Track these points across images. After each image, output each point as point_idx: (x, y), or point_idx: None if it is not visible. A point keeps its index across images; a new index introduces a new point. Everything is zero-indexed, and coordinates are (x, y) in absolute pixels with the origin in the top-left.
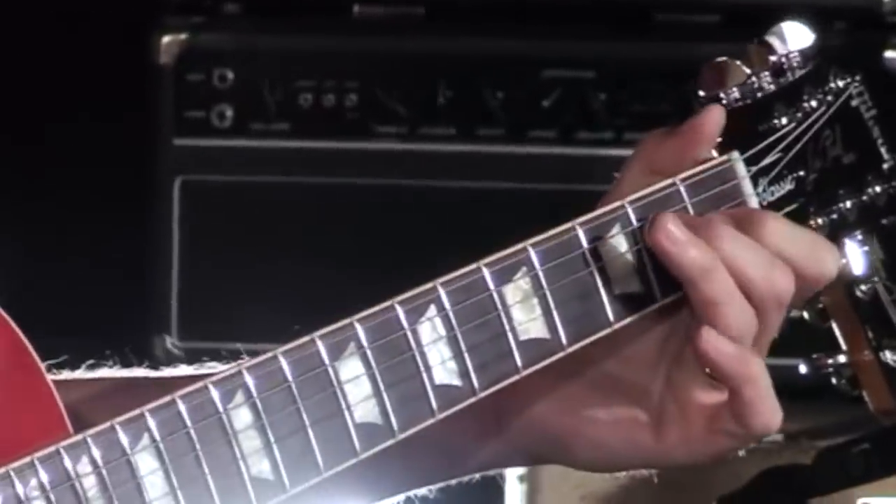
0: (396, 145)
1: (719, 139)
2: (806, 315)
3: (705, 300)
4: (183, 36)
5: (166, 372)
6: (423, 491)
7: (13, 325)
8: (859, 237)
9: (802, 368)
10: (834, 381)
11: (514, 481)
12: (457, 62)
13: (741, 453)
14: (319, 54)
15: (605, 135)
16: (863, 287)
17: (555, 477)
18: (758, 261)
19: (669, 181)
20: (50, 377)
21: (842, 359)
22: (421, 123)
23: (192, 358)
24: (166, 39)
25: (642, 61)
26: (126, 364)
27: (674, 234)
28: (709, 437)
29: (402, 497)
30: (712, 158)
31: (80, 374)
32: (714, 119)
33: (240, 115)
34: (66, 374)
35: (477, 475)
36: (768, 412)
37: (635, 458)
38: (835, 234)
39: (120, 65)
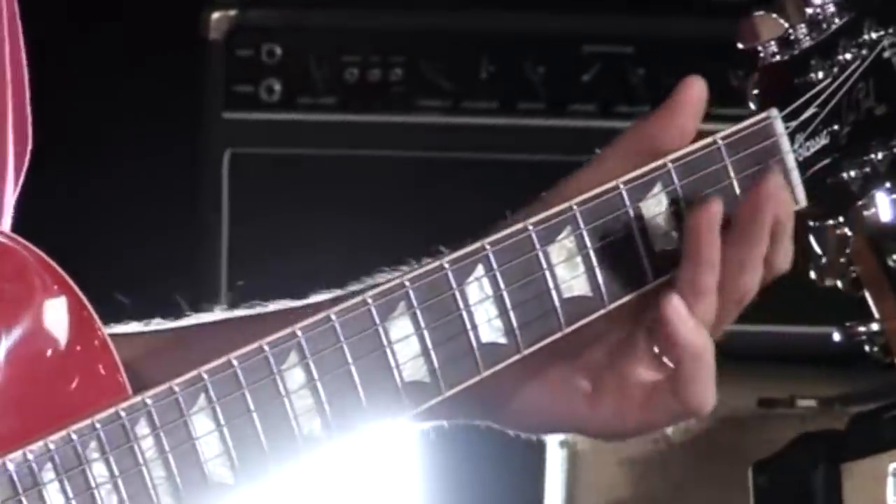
0: (440, 119)
1: (755, 93)
2: (840, 284)
3: (696, 283)
4: (232, 12)
5: (220, 314)
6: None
7: (76, 288)
8: (888, 186)
9: (836, 336)
10: (867, 348)
11: (554, 447)
12: (499, 38)
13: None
14: (365, 30)
15: (643, 108)
16: (895, 256)
17: (595, 442)
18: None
19: (710, 139)
20: (106, 329)
21: (875, 327)
22: (464, 97)
23: None
24: (216, 16)
25: (680, 37)
26: None
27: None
28: (643, 411)
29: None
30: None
31: (135, 326)
32: (691, 90)
33: (287, 89)
34: (121, 327)
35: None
36: (706, 392)
37: (567, 423)
38: (865, 185)
39: (171, 41)
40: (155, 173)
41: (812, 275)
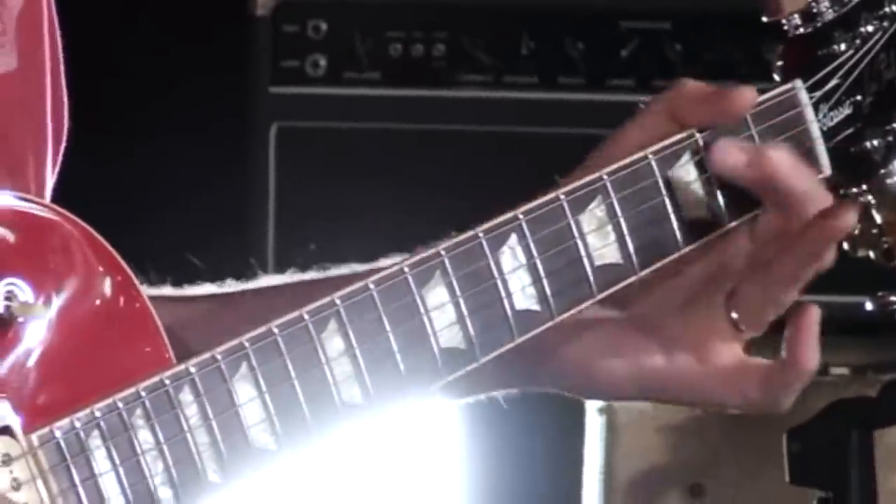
0: (481, 93)
1: (780, 64)
2: (872, 255)
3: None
4: None
5: (262, 281)
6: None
7: (121, 260)
8: None
9: (868, 305)
10: None
11: (594, 414)
12: (539, 14)
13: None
14: (409, 6)
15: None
16: None
17: (633, 409)
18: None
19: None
20: (149, 291)
21: None
22: (505, 72)
23: None
24: None
25: (717, 13)
26: None
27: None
28: (723, 390)
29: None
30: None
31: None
32: (746, 102)
33: (333, 64)
34: (167, 290)
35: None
36: (793, 397)
37: (640, 390)
38: (888, 154)
39: (219, 17)
40: (204, 147)
41: (844, 245)
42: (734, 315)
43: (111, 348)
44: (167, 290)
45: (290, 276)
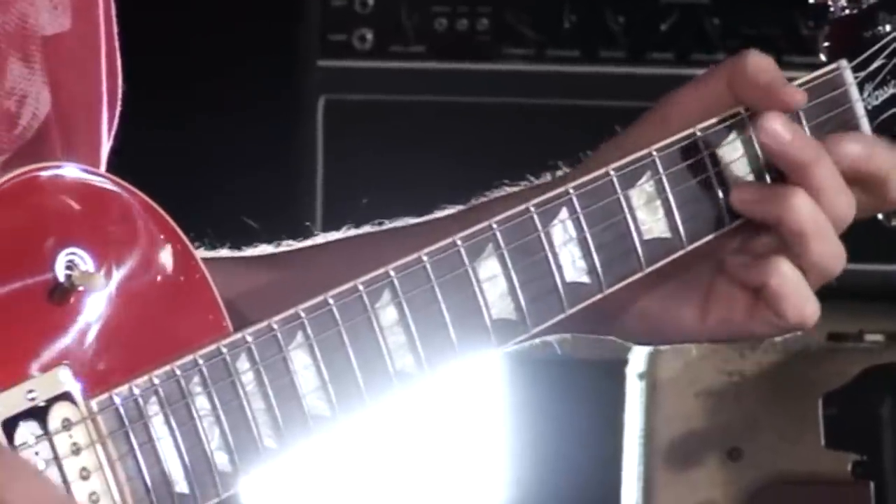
0: (524, 66)
1: (826, 45)
2: None
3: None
4: None
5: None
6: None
7: (178, 229)
8: None
9: None
10: None
11: (634, 379)
12: None
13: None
14: None
15: (718, 57)
16: None
17: (672, 375)
18: (833, 184)
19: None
20: (206, 253)
21: None
22: (547, 46)
23: None
24: None
25: None
26: None
27: (781, 132)
28: (747, 321)
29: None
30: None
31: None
32: (800, 100)
33: (379, 38)
34: (224, 252)
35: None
36: (798, 302)
37: (679, 332)
38: None
39: None
40: (255, 119)
41: (879, 216)
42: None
43: (169, 317)
44: (224, 252)
45: (345, 233)
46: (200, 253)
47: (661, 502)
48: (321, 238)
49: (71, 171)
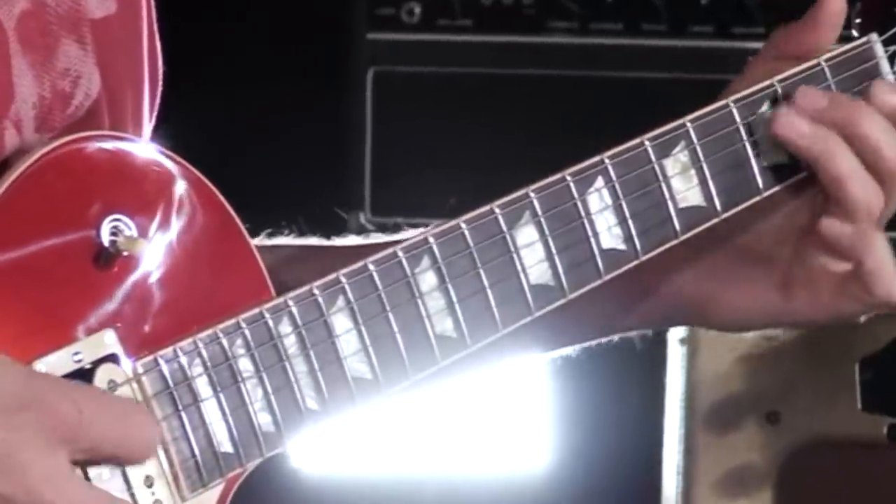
0: (568, 39)
1: (858, 20)
2: None
3: (830, 178)
4: None
5: (350, 240)
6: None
7: (221, 197)
8: None
9: None
10: None
11: (675, 344)
12: None
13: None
14: None
15: (758, 30)
16: None
17: (712, 340)
18: (887, 137)
19: (814, 61)
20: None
21: None
22: (591, 19)
23: (383, 232)
24: None
25: None
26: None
27: (796, 123)
28: (834, 299)
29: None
30: (848, 41)
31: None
32: (833, 6)
33: (427, 11)
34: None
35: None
36: (889, 280)
37: (765, 317)
38: None
39: None
40: (304, 92)
41: None
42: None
43: (213, 282)
44: (270, 240)
45: (363, 239)
46: None
47: (701, 464)
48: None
49: (116, 140)
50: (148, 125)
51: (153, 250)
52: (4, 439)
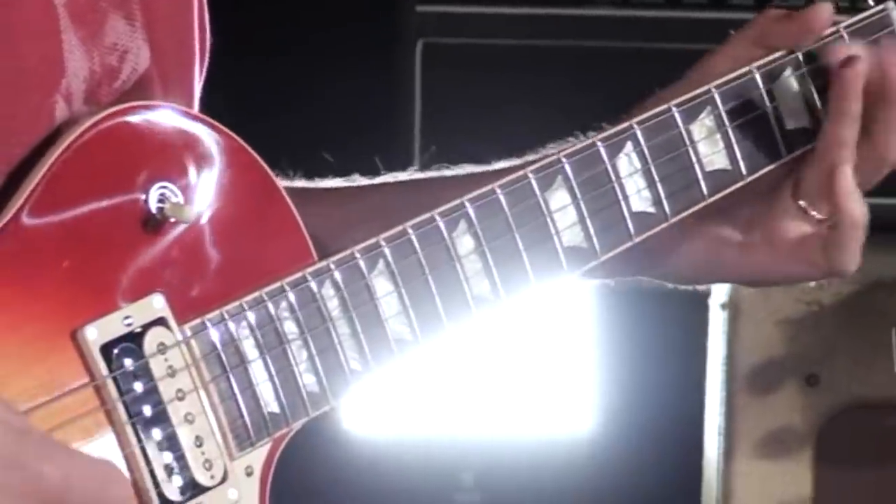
0: (612, 12)
1: None
2: None
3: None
4: None
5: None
6: None
7: (265, 164)
8: None
9: None
10: None
11: (716, 308)
12: None
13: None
14: None
15: (797, 3)
16: None
17: (753, 304)
18: None
19: (834, 29)
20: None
21: None
22: None
23: None
24: None
25: None
26: None
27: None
28: (790, 262)
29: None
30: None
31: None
32: (823, 17)
33: None
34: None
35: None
36: (853, 256)
37: (720, 272)
38: None
39: None
40: (354, 64)
41: None
42: (801, 202)
43: (257, 247)
44: (297, 183)
45: (410, 174)
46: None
47: (742, 426)
48: (390, 176)
49: (163, 110)
50: (197, 91)
51: (199, 216)
52: None
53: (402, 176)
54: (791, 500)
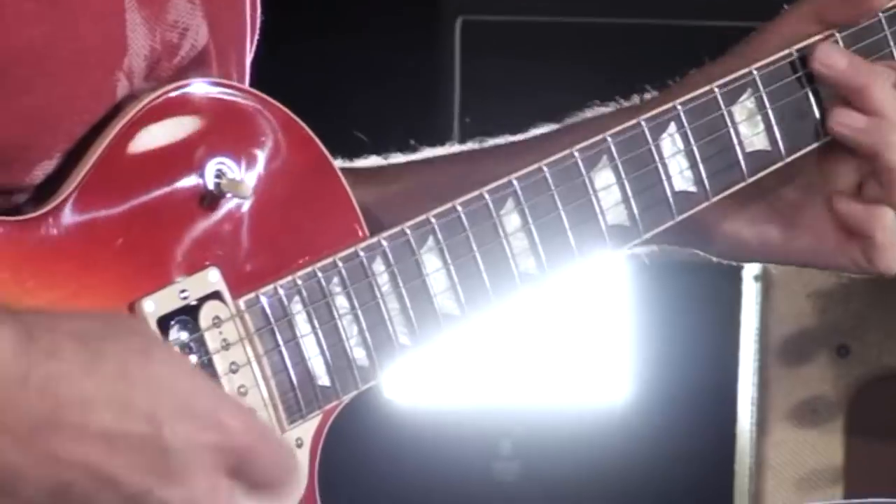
0: None
1: None
2: None
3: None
4: None
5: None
6: None
7: (317, 140)
8: None
9: None
10: None
11: (750, 280)
12: None
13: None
14: None
15: None
16: None
17: (786, 277)
18: None
19: (872, 13)
20: (342, 164)
21: None
22: None
23: None
24: None
25: None
26: None
27: (852, 118)
28: (835, 253)
29: None
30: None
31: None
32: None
33: None
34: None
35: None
36: (891, 258)
37: (761, 251)
38: None
39: None
40: (392, 41)
41: None
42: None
43: (310, 222)
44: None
45: (448, 148)
46: None
47: (774, 396)
48: (428, 152)
49: (218, 87)
50: (247, 72)
51: (254, 191)
52: (181, 449)
53: (440, 151)
54: (823, 468)
